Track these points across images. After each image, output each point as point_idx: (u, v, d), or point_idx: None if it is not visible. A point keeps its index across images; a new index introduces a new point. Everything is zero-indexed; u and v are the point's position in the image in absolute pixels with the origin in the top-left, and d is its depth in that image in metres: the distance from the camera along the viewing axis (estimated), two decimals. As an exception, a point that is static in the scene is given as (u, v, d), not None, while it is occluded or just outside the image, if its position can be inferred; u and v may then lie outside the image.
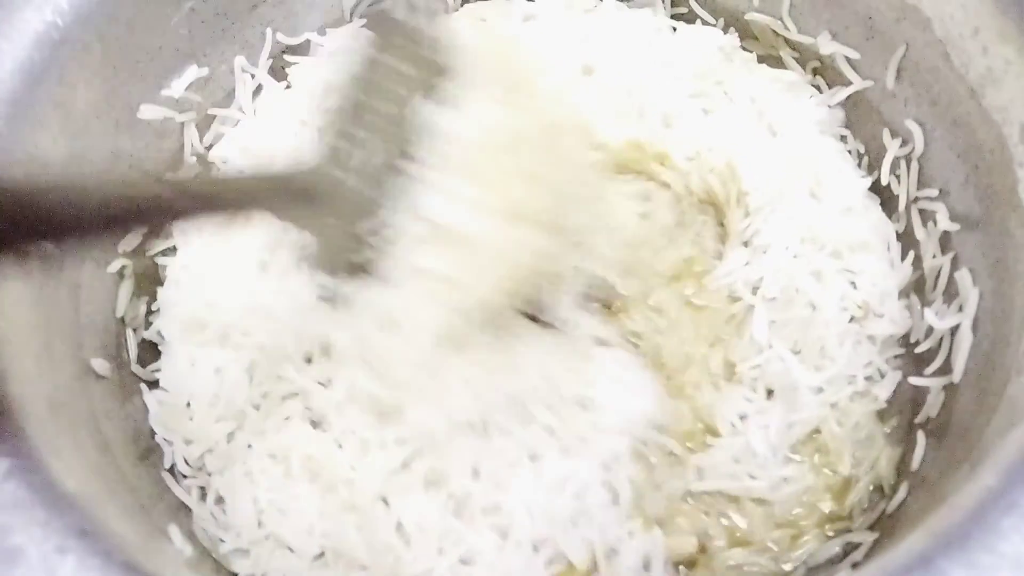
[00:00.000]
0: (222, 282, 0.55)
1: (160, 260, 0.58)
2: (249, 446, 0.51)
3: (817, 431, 0.53)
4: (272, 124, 0.62)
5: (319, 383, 0.52)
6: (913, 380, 0.53)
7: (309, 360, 0.53)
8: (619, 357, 0.53)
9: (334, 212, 0.46)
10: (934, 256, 0.55)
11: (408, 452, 0.49)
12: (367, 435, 0.50)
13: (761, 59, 0.65)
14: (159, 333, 0.56)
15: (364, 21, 0.66)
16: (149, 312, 0.57)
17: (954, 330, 0.51)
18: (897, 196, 0.58)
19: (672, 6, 0.67)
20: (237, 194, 0.42)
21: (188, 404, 0.53)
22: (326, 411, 0.51)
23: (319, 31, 0.65)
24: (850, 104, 0.61)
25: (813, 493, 0.51)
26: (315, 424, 0.51)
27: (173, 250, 0.58)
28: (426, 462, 0.49)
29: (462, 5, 0.67)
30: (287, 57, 0.64)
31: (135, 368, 0.55)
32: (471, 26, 0.64)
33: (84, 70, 0.52)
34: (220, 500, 0.51)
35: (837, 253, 0.56)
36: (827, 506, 0.51)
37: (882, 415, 0.54)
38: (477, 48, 0.50)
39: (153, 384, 0.55)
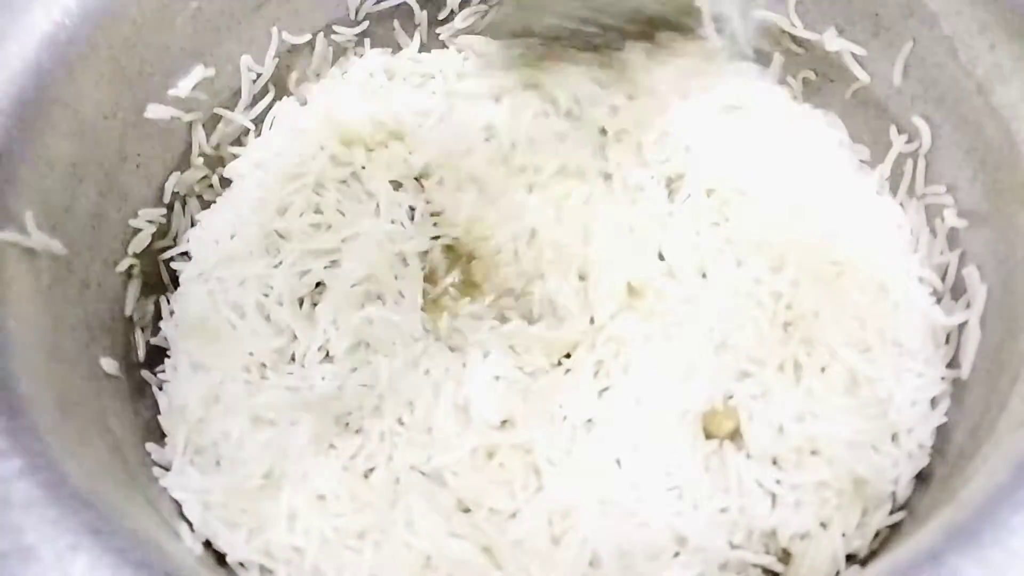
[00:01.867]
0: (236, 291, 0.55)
1: (175, 265, 0.58)
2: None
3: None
4: (287, 142, 0.61)
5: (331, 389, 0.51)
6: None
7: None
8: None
9: None
10: (942, 252, 0.55)
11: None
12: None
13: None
14: (165, 338, 0.56)
15: (388, 51, 0.66)
16: (157, 314, 0.57)
17: (962, 327, 0.51)
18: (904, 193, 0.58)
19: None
20: None
21: (189, 409, 0.52)
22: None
23: (325, 30, 0.65)
24: (856, 101, 0.61)
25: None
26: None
27: (186, 256, 0.58)
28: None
29: None
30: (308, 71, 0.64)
31: (143, 372, 0.55)
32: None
33: (91, 70, 0.52)
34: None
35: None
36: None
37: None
38: None
39: (161, 385, 0.55)
